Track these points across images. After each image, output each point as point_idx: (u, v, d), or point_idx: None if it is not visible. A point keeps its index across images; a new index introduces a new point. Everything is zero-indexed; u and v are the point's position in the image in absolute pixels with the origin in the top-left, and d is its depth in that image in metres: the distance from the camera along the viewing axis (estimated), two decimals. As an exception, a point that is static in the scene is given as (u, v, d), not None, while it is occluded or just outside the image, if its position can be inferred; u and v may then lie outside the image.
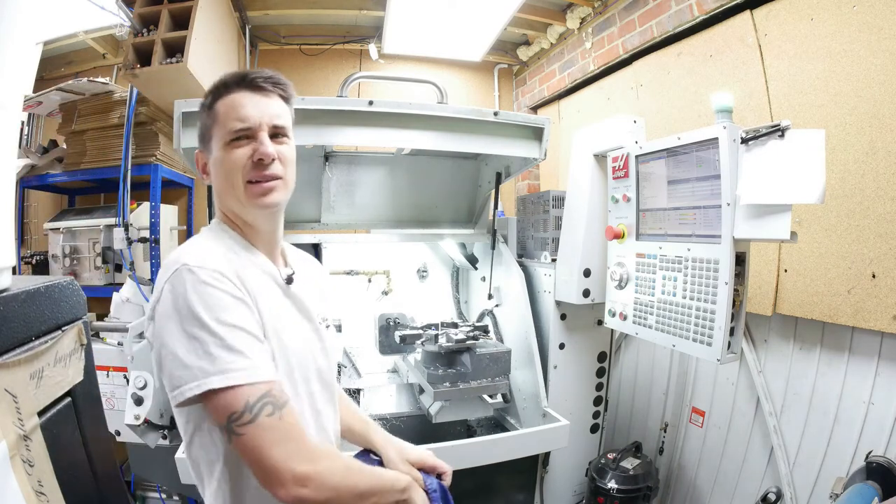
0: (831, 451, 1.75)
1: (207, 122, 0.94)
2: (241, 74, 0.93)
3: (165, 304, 0.77)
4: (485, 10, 2.85)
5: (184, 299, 0.76)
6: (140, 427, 1.91)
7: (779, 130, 1.26)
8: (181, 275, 0.78)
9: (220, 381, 0.74)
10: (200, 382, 0.73)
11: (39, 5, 0.92)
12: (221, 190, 0.95)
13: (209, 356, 0.74)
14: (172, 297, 0.77)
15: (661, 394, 2.54)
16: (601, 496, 1.97)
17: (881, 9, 1.56)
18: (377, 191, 2.40)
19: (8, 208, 0.92)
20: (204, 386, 0.73)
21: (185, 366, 0.74)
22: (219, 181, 0.94)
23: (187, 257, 0.81)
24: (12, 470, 0.75)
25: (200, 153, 0.99)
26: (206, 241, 0.91)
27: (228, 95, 0.92)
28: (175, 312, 0.76)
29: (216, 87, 0.94)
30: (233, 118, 0.90)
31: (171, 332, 0.76)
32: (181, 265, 0.79)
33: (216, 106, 0.92)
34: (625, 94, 2.77)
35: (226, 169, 0.91)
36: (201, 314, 0.75)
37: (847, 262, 1.66)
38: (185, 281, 0.77)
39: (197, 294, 0.76)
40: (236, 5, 2.98)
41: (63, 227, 2.64)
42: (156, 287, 0.82)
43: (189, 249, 0.84)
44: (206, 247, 0.87)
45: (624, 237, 1.77)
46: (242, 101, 0.91)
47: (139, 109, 2.59)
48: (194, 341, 0.75)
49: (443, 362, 1.91)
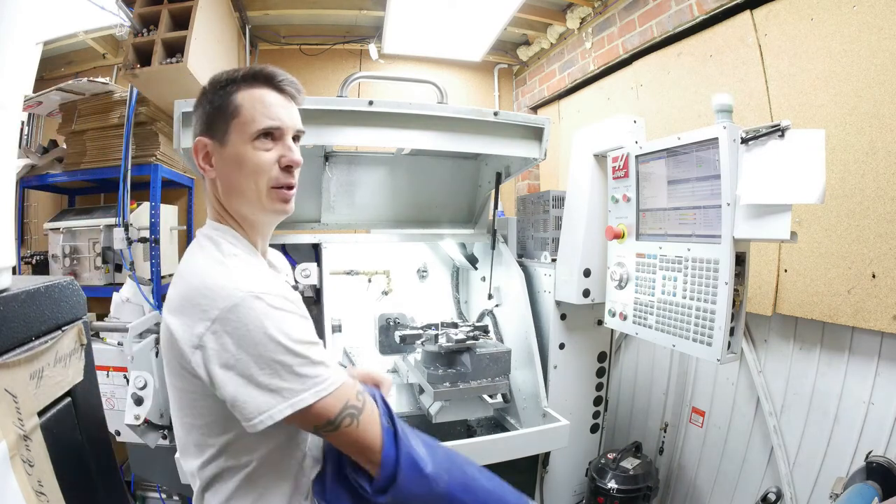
0: (831, 451, 1.75)
1: (223, 110, 0.88)
2: (269, 72, 0.91)
3: (238, 334, 0.74)
4: (485, 10, 2.85)
5: (259, 327, 0.75)
6: (140, 427, 1.91)
7: (779, 130, 1.26)
8: (249, 303, 0.75)
9: (312, 396, 0.77)
10: (293, 402, 0.76)
11: (39, 5, 0.92)
12: (233, 187, 0.90)
13: (298, 376, 0.77)
14: (244, 328, 0.74)
15: (661, 394, 2.54)
16: (601, 496, 1.97)
17: (881, 9, 1.56)
18: (377, 191, 2.40)
19: (8, 208, 0.92)
20: (299, 404, 0.76)
21: (271, 391, 0.75)
22: (233, 177, 0.89)
23: (245, 284, 0.78)
24: (12, 470, 0.75)
25: (204, 141, 0.91)
26: (244, 257, 0.87)
27: (254, 90, 0.89)
28: (250, 341, 0.74)
29: (240, 76, 0.89)
30: (263, 114, 0.87)
31: (248, 363, 0.75)
32: (246, 293, 0.76)
33: (238, 96, 0.88)
34: (625, 94, 2.77)
35: (250, 168, 0.87)
36: (281, 339, 0.76)
37: (847, 262, 1.66)
38: (256, 310, 0.75)
39: (271, 321, 0.76)
40: (236, 5, 2.98)
41: (63, 227, 2.64)
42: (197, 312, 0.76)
43: (238, 274, 0.81)
44: (251, 269, 0.85)
45: (624, 237, 1.77)
46: (272, 100, 0.89)
47: (139, 109, 2.59)
48: (277, 365, 0.75)
49: (443, 362, 1.91)
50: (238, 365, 0.75)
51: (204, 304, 0.76)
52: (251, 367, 0.74)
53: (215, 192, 0.93)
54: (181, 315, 0.78)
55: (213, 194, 0.94)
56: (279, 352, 0.75)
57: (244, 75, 0.89)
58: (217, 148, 0.90)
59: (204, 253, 0.86)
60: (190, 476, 0.89)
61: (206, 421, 0.83)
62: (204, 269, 0.82)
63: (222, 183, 0.91)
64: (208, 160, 0.91)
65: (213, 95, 0.90)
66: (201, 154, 0.91)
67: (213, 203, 0.94)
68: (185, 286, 0.81)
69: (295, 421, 0.78)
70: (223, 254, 0.85)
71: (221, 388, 0.76)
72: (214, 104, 0.89)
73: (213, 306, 0.75)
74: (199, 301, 0.77)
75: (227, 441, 0.83)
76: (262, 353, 0.74)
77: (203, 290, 0.77)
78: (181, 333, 0.77)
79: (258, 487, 0.85)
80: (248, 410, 0.75)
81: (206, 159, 0.91)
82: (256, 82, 0.89)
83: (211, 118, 0.90)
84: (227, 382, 0.75)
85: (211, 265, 0.83)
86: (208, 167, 0.91)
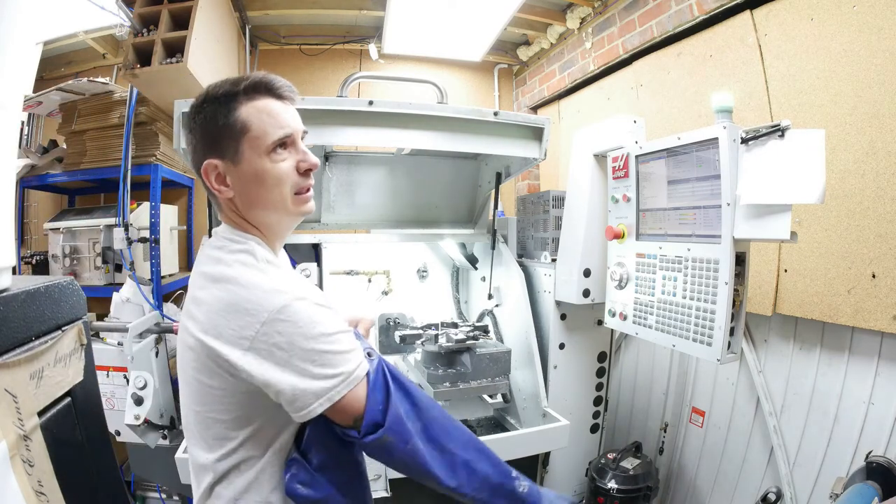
0: (831, 451, 1.75)
1: (230, 128, 0.86)
2: (267, 82, 0.89)
3: (289, 332, 0.79)
4: (485, 10, 2.85)
5: (309, 324, 0.80)
6: (140, 427, 1.91)
7: (779, 130, 1.26)
8: (296, 305, 0.80)
9: (362, 369, 0.85)
10: (349, 380, 0.83)
11: (39, 5, 0.92)
12: (256, 201, 0.89)
13: (346, 360, 0.83)
14: (294, 325, 0.79)
15: (661, 394, 2.54)
16: (601, 496, 1.97)
17: (881, 9, 1.56)
18: (377, 191, 2.40)
19: (8, 208, 0.92)
20: (353, 382, 0.83)
21: (326, 377, 0.81)
22: (255, 192, 0.89)
23: (289, 287, 0.82)
24: (12, 470, 0.75)
25: (214, 163, 0.88)
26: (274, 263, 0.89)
27: (256, 101, 0.87)
28: (302, 338, 0.79)
29: (241, 90, 0.87)
30: (273, 125, 0.87)
31: (302, 356, 0.80)
32: (293, 297, 0.80)
33: (242, 111, 0.86)
34: (625, 94, 2.77)
35: (272, 181, 0.88)
36: (328, 330, 0.82)
37: (847, 262, 1.66)
38: (303, 310, 0.80)
39: (318, 317, 0.82)
40: (236, 5, 2.98)
41: (63, 227, 2.64)
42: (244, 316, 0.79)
43: (280, 280, 0.84)
44: (286, 273, 0.90)
45: (624, 237, 1.77)
46: (277, 109, 0.89)
47: (139, 109, 2.59)
48: (328, 355, 0.81)
49: (443, 362, 1.91)
50: (292, 360, 0.79)
51: (252, 309, 0.79)
52: (305, 361, 0.79)
53: (232, 208, 0.92)
54: (226, 319, 0.80)
55: (230, 209, 0.92)
56: (328, 342, 0.81)
57: (244, 88, 0.88)
58: (230, 167, 0.88)
59: (237, 259, 0.86)
60: (199, 470, 0.89)
61: (233, 416, 0.85)
62: (244, 275, 0.84)
63: (242, 199, 0.90)
64: (222, 181, 0.89)
65: (213, 112, 0.87)
66: (213, 176, 0.89)
67: (230, 216, 0.93)
68: (226, 293, 0.82)
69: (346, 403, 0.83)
70: (258, 260, 0.87)
71: (276, 385, 0.79)
72: (218, 122, 0.87)
73: (261, 309, 0.79)
74: (246, 306, 0.79)
75: (250, 433, 0.86)
76: (315, 347, 0.80)
77: (248, 296, 0.80)
78: (228, 336, 0.79)
79: (274, 477, 0.87)
80: (306, 399, 0.80)
81: (219, 180, 0.89)
82: (257, 93, 0.88)
83: (216, 138, 0.88)
84: (282, 380, 0.79)
85: (251, 273, 0.84)
86: (224, 188, 0.89)
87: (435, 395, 1.80)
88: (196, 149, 0.90)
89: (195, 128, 0.90)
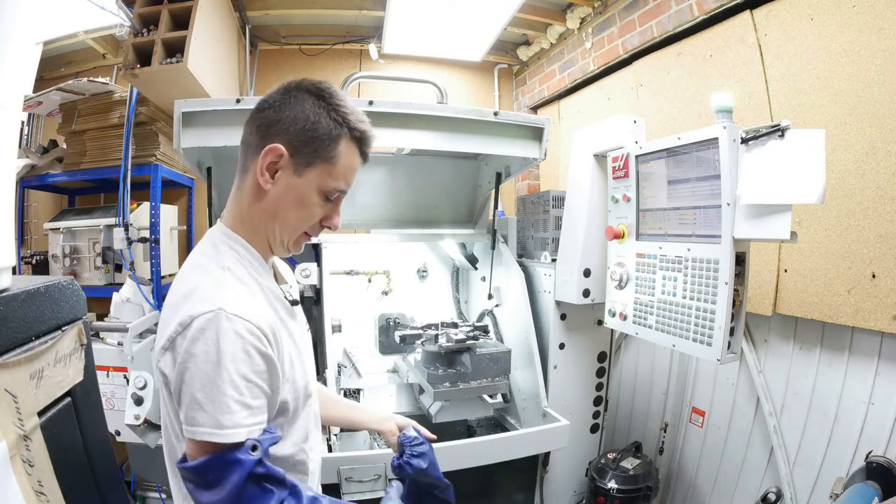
0: (831, 451, 1.75)
1: (324, 147, 0.84)
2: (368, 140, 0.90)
3: (195, 345, 0.74)
4: (485, 11, 2.85)
5: (215, 347, 0.73)
6: (140, 427, 1.91)
7: (779, 130, 1.26)
8: (217, 319, 0.74)
9: (232, 434, 0.73)
10: (213, 432, 0.73)
11: (39, 5, 0.92)
12: (276, 215, 0.88)
13: (228, 410, 0.73)
14: (203, 341, 0.74)
15: (661, 394, 2.54)
16: (601, 496, 1.97)
17: (881, 9, 1.56)
18: (377, 191, 2.40)
19: (8, 208, 0.92)
20: (216, 437, 0.73)
21: (203, 410, 0.73)
22: (282, 208, 0.87)
23: (224, 300, 0.76)
24: (12, 470, 0.75)
25: (281, 152, 0.84)
26: (238, 275, 0.84)
27: (353, 147, 0.88)
28: (203, 356, 0.73)
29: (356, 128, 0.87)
30: (346, 179, 0.89)
31: (194, 374, 0.74)
32: (218, 309, 0.75)
33: (342, 145, 0.86)
34: (625, 94, 2.77)
35: (302, 215, 0.88)
36: (229, 367, 0.74)
37: (847, 262, 1.66)
38: (220, 328, 0.74)
39: (229, 345, 0.74)
40: (236, 5, 2.97)
41: (63, 227, 2.64)
42: (178, 315, 0.76)
43: (224, 289, 0.79)
44: (239, 289, 0.82)
45: (624, 237, 1.77)
46: (357, 166, 0.91)
47: (139, 109, 2.59)
48: (216, 390, 0.73)
49: (443, 362, 1.91)
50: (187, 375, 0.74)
51: (181, 308, 0.77)
52: (198, 382, 0.73)
53: (249, 197, 0.88)
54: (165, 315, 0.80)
55: (246, 197, 0.89)
56: (222, 376, 0.73)
57: (359, 132, 0.87)
58: (289, 170, 0.85)
59: (203, 259, 0.86)
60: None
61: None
62: (193, 276, 0.83)
63: (269, 203, 0.87)
64: (272, 171, 0.85)
65: (326, 119, 0.85)
66: (268, 160, 0.84)
67: (238, 204, 0.90)
68: (174, 291, 0.83)
69: (197, 446, 0.74)
70: (217, 264, 0.84)
71: (175, 391, 0.76)
72: (319, 132, 0.84)
73: (188, 309, 0.76)
74: (181, 306, 0.77)
75: None
76: (210, 373, 0.73)
77: (185, 297, 0.78)
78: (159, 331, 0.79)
79: None
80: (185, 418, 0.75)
81: (269, 168, 0.85)
82: (358, 143, 0.88)
83: (306, 141, 0.84)
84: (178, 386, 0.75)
85: (200, 274, 0.83)
86: (269, 177, 0.85)
87: (435, 395, 1.80)
88: (274, 122, 0.85)
89: (293, 104, 0.85)
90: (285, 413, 0.88)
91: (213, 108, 1.57)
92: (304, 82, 0.87)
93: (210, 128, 1.58)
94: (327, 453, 1.51)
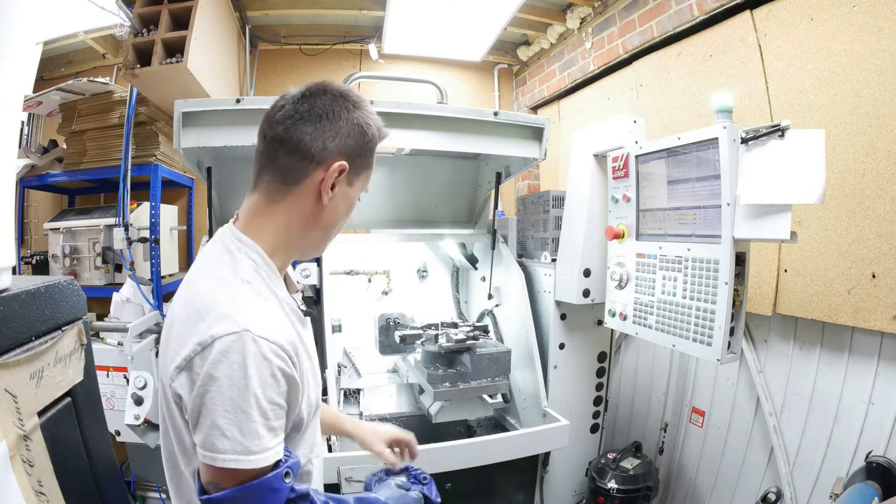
0: (831, 451, 1.75)
1: (369, 155, 0.89)
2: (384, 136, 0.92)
3: (217, 369, 0.70)
4: (485, 11, 2.85)
5: (242, 372, 0.70)
6: (140, 427, 1.91)
7: (779, 130, 1.26)
8: (243, 341, 0.70)
9: (260, 459, 0.71)
10: (238, 458, 0.70)
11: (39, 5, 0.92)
12: (331, 225, 0.89)
13: (255, 435, 0.71)
14: (228, 364, 0.70)
15: (661, 394, 2.54)
16: (601, 496, 1.97)
17: (881, 9, 1.56)
18: (377, 191, 2.40)
19: (8, 208, 0.92)
20: (242, 463, 0.70)
21: (225, 437, 0.70)
22: (337, 218, 0.89)
23: (249, 320, 0.72)
24: (12, 470, 0.75)
25: (345, 167, 0.84)
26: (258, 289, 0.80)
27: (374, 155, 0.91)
28: (228, 381, 0.70)
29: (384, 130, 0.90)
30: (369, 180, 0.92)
31: (216, 399, 0.70)
32: (244, 330, 0.71)
33: (374, 151, 0.90)
34: (625, 94, 2.77)
35: (346, 217, 0.91)
36: (258, 392, 0.71)
37: (847, 262, 1.66)
38: (247, 351, 0.70)
39: (257, 370, 0.71)
40: (236, 5, 2.97)
41: (63, 227, 2.64)
42: (195, 333, 0.72)
43: (246, 306, 0.75)
44: (260, 306, 0.78)
45: (624, 237, 1.77)
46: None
47: (139, 109, 2.59)
48: (242, 415, 0.70)
49: (443, 362, 1.91)
50: (209, 399, 0.70)
51: (199, 326, 0.72)
52: (220, 406, 0.70)
53: (299, 211, 0.85)
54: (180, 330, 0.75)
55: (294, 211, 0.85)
56: (248, 400, 0.70)
57: (383, 136, 0.91)
58: (344, 182, 0.85)
59: (219, 267, 0.81)
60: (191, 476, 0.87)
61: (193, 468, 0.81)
62: (209, 286, 0.78)
63: (325, 216, 0.86)
64: (334, 187, 0.85)
65: (370, 129, 0.87)
66: (335, 175, 0.83)
67: (268, 215, 0.85)
68: (188, 303, 0.78)
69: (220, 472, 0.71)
70: (236, 275, 0.79)
71: (193, 413, 0.72)
72: (370, 143, 0.87)
73: (205, 331, 0.71)
74: (197, 323, 0.73)
75: None
76: (234, 397, 0.70)
77: (202, 313, 0.74)
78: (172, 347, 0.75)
79: None
80: (203, 444, 0.71)
81: (333, 185, 0.84)
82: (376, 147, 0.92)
83: (360, 151, 0.86)
84: (197, 409, 0.72)
85: (217, 285, 0.78)
86: (330, 193, 0.84)
87: (435, 395, 1.80)
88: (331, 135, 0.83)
89: (339, 115, 0.84)
90: (299, 429, 0.86)
91: (213, 108, 1.57)
92: (336, 87, 0.86)
93: (210, 128, 1.58)
94: (327, 453, 1.51)
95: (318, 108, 0.83)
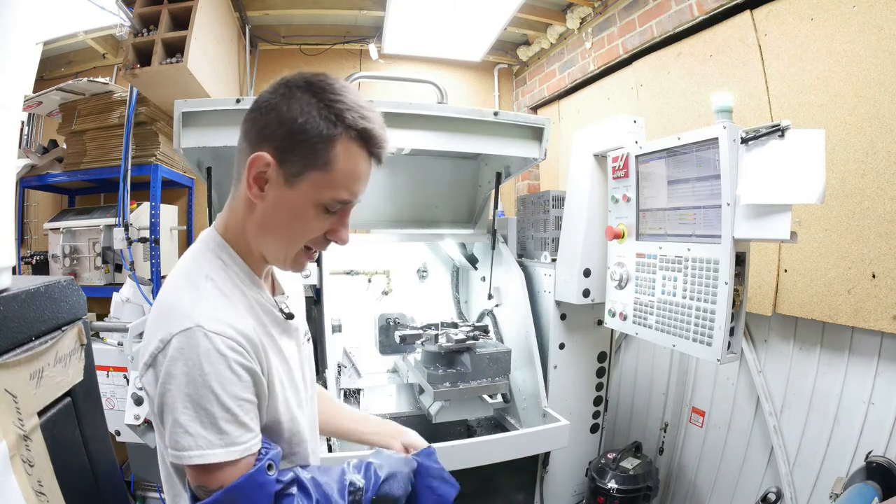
0: (831, 451, 1.75)
1: (313, 152, 0.74)
2: (378, 137, 0.77)
3: (175, 365, 0.69)
4: (485, 11, 2.85)
5: (197, 368, 0.69)
6: (140, 427, 1.91)
7: (779, 130, 1.26)
8: (195, 337, 0.70)
9: (226, 454, 0.71)
10: (204, 453, 0.70)
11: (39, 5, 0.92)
12: (269, 229, 0.80)
13: (218, 430, 0.70)
14: (183, 360, 0.69)
15: (661, 394, 2.54)
16: (601, 496, 1.97)
17: (881, 9, 1.56)
18: (377, 191, 2.40)
19: (8, 208, 0.92)
20: (209, 458, 0.70)
21: (188, 433, 0.69)
22: (275, 223, 0.79)
23: (202, 316, 0.71)
24: (12, 470, 0.75)
25: (268, 161, 0.75)
26: (220, 285, 0.78)
27: (353, 148, 0.75)
28: (184, 377, 0.69)
29: (353, 126, 0.74)
30: (348, 187, 0.77)
31: (175, 396, 0.70)
32: (195, 325, 0.70)
33: (337, 148, 0.74)
34: (625, 94, 2.77)
35: (297, 230, 0.79)
36: (215, 387, 0.70)
37: (847, 262, 1.66)
38: (199, 347, 0.70)
39: (211, 365, 0.70)
40: (236, 5, 2.98)
41: (63, 227, 2.64)
42: (157, 330, 0.72)
43: (203, 303, 0.74)
44: (219, 302, 0.76)
45: (624, 237, 1.77)
46: (363, 172, 0.78)
47: (139, 109, 2.59)
48: (202, 412, 0.70)
49: (443, 362, 1.91)
50: (168, 397, 0.70)
51: (162, 324, 0.72)
52: (180, 404, 0.69)
53: (242, 208, 0.81)
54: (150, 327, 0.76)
55: (239, 208, 0.82)
56: (207, 398, 0.70)
57: (357, 130, 0.75)
58: (279, 181, 0.76)
59: (190, 266, 0.81)
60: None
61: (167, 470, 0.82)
62: (176, 285, 0.78)
63: (260, 216, 0.80)
64: (260, 182, 0.77)
65: (315, 119, 0.73)
66: (255, 170, 0.76)
67: (231, 212, 0.84)
68: (158, 301, 0.78)
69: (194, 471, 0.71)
70: (200, 272, 0.78)
71: (157, 411, 0.73)
72: (308, 134, 0.73)
73: (166, 326, 0.72)
74: (161, 320, 0.73)
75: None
76: (192, 394, 0.69)
77: (167, 310, 0.74)
78: (143, 346, 0.75)
79: None
80: (169, 442, 0.71)
81: (257, 180, 0.76)
82: (361, 140, 0.76)
83: (292, 145, 0.74)
84: (160, 407, 0.72)
85: (183, 283, 0.78)
86: (258, 191, 0.77)
87: (435, 395, 1.80)
88: (262, 126, 0.76)
89: (281, 103, 0.75)
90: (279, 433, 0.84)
91: (213, 108, 1.57)
92: (297, 77, 0.77)
93: (210, 128, 1.58)
94: (327, 453, 1.51)
95: (261, 98, 0.78)
